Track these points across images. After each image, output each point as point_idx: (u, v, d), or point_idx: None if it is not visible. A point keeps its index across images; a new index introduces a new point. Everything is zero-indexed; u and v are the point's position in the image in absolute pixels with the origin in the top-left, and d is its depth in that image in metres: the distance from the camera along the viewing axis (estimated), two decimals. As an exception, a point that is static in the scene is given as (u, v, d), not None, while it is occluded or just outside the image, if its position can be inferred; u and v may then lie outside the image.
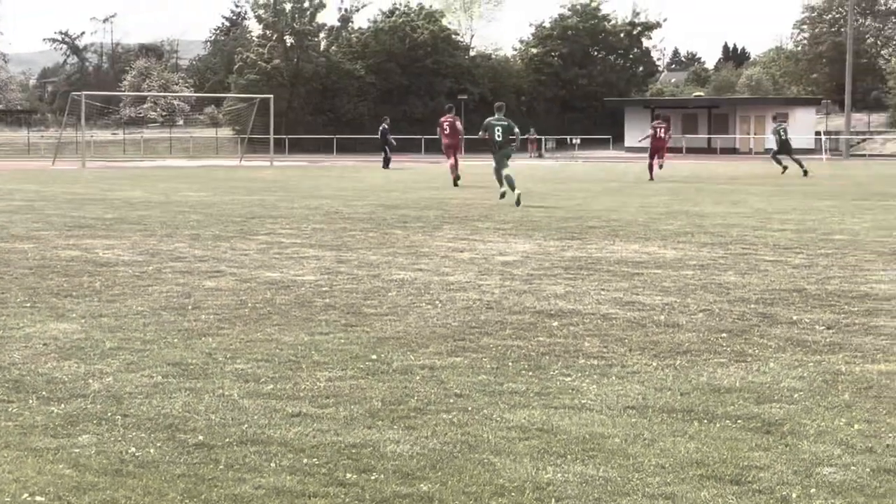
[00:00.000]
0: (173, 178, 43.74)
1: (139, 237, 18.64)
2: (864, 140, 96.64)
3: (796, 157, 47.14)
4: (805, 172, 44.34)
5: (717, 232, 19.64)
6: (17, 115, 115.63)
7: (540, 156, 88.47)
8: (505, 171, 27.96)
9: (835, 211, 25.00)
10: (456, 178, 37.40)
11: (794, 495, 5.74)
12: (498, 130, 29.26)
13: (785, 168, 46.09)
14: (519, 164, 64.10)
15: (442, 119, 40.70)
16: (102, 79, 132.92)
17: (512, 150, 29.43)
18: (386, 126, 57.76)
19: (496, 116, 29.71)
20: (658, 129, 44.82)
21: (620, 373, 8.50)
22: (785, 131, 47.48)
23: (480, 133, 30.05)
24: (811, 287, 12.90)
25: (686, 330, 10.25)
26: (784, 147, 47.26)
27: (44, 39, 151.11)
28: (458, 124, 40.60)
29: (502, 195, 27.50)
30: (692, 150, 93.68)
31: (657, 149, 44.62)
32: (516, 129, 29.55)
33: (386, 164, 56.59)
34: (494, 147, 29.20)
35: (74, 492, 5.81)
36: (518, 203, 25.85)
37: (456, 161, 38.54)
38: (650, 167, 42.47)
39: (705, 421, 7.13)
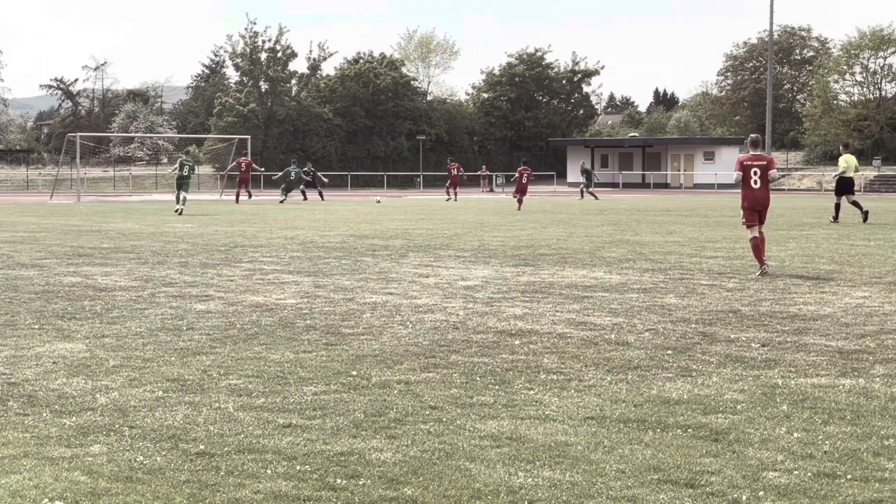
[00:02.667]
0: (160, 211, 43.46)
1: (133, 265, 18.50)
2: (783, 176, 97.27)
3: None
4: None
5: (657, 259, 19.70)
6: (16, 154, 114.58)
7: (491, 190, 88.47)
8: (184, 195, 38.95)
9: (760, 240, 25.09)
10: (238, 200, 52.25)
11: (744, 498, 5.75)
12: (185, 168, 40.33)
13: None
14: (473, 198, 64.19)
15: (240, 160, 55.53)
16: (94, 121, 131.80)
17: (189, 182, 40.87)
18: (309, 169, 60.66)
19: (185, 158, 41.38)
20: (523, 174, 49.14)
21: (578, 386, 8.50)
22: None
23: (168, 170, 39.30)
24: (745, 308, 12.95)
25: (635, 347, 10.27)
26: None
27: (40, 86, 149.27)
28: (253, 164, 56.87)
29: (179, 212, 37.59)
30: (628, 186, 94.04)
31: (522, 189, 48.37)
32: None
33: (304, 196, 59.04)
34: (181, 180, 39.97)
35: (90, 496, 5.74)
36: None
37: (246, 191, 54.64)
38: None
39: (658, 430, 7.13)
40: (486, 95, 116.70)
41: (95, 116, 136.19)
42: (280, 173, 52.72)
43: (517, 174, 48.15)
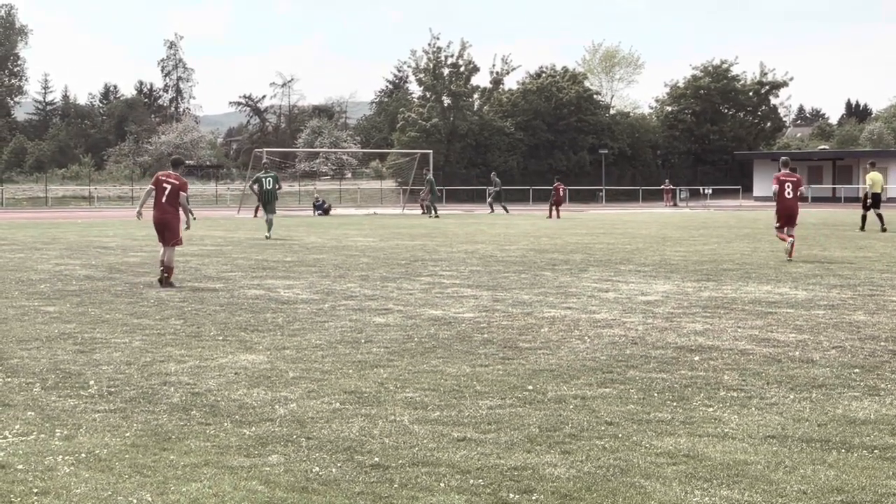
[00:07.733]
0: (343, 225, 44.23)
1: (315, 278, 18.85)
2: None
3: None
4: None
5: (845, 275, 19.19)
6: (206, 169, 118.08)
7: (674, 204, 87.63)
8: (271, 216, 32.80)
9: (956, 255, 24.23)
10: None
11: (931, 522, 5.55)
12: (268, 182, 33.38)
13: None
14: (656, 212, 63.57)
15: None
16: (280, 137, 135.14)
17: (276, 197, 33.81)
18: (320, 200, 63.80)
19: (264, 172, 34.21)
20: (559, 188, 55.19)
21: (759, 404, 8.32)
22: None
23: (254, 186, 34.52)
24: (938, 326, 12.49)
25: (820, 365, 10.01)
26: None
27: (230, 103, 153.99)
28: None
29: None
30: (817, 200, 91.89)
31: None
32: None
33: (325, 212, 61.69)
34: (266, 196, 33.48)
35: (266, 506, 5.87)
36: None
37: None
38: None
39: (843, 450, 6.93)
40: (669, 108, 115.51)
41: (282, 132, 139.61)
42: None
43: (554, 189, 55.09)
